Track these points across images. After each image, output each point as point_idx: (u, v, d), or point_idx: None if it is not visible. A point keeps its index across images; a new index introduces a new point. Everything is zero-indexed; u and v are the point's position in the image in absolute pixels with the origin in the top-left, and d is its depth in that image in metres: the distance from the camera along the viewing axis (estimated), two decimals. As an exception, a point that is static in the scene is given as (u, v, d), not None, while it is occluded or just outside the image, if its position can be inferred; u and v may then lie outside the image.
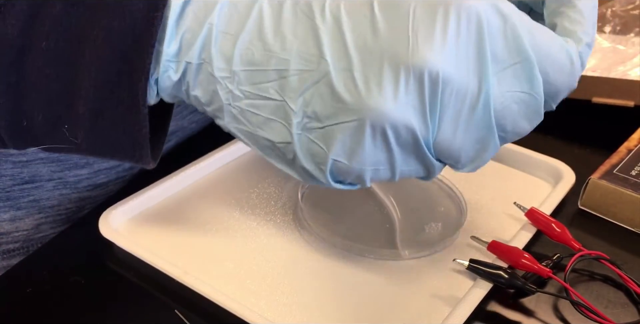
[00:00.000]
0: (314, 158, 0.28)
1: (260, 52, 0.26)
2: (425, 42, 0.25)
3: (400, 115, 0.26)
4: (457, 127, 0.27)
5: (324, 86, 0.26)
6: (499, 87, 0.27)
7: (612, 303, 0.37)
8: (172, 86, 0.28)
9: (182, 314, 0.36)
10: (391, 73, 0.25)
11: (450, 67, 0.25)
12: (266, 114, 0.27)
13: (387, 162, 0.28)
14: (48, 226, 0.48)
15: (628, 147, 0.46)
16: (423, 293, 0.37)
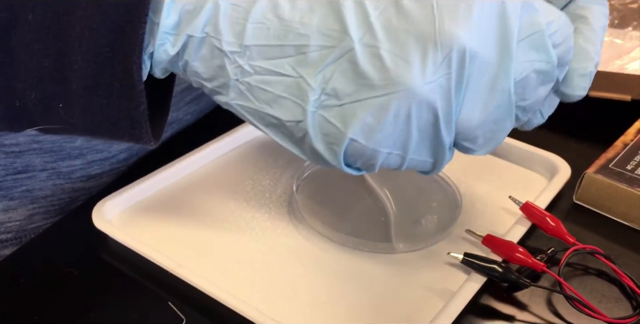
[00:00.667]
0: (327, 138, 0.27)
1: (276, 27, 0.25)
2: (452, 18, 0.25)
3: (427, 94, 0.25)
4: (480, 103, 0.27)
5: (347, 62, 0.25)
6: (517, 57, 0.27)
7: (605, 297, 0.37)
8: (168, 60, 0.27)
9: (175, 306, 0.36)
10: (419, 50, 0.25)
11: (476, 43, 0.25)
12: (278, 91, 0.26)
13: (402, 147, 0.28)
14: (41, 217, 0.48)
15: (624, 141, 0.46)
16: (417, 286, 0.37)
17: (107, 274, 0.39)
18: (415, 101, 0.25)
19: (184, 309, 0.36)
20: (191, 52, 0.26)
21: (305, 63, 0.26)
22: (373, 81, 0.25)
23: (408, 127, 0.27)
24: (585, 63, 0.32)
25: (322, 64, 0.25)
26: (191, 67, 0.27)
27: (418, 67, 0.25)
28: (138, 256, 0.38)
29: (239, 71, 0.26)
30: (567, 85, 0.32)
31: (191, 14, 0.26)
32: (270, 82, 0.26)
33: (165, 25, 0.26)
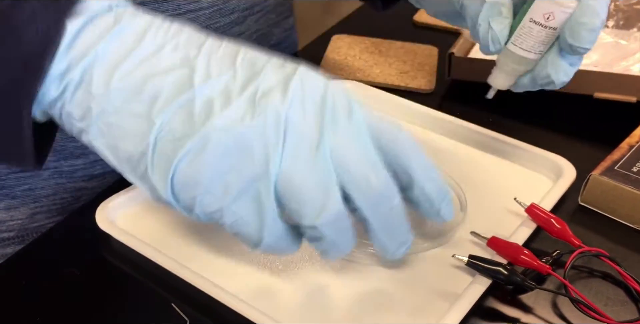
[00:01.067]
0: (160, 168, 0.31)
1: (138, 77, 0.30)
2: (273, 94, 0.30)
3: (246, 132, 0.30)
4: (298, 161, 0.30)
5: (187, 109, 0.30)
6: (335, 138, 0.31)
7: (611, 300, 0.37)
8: (49, 102, 0.31)
9: (178, 307, 0.36)
10: (245, 105, 0.30)
11: (294, 113, 0.30)
12: (131, 127, 0.31)
13: (222, 187, 0.30)
14: (43, 216, 0.48)
15: (630, 143, 0.46)
16: (422, 288, 0.37)
17: (109, 274, 0.39)
18: (232, 139, 0.30)
19: (187, 310, 0.36)
20: (69, 95, 0.31)
21: (155, 107, 0.30)
22: (199, 125, 0.30)
23: (226, 165, 0.30)
24: (592, 18, 0.35)
25: (167, 107, 0.30)
26: (66, 109, 0.31)
27: (241, 114, 0.30)
28: (141, 257, 0.38)
29: (101, 110, 0.31)
30: (574, 37, 0.35)
31: (75, 63, 0.30)
32: (125, 121, 0.31)
33: (52, 73, 0.30)
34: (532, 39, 0.37)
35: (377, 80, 0.59)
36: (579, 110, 0.55)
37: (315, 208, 0.31)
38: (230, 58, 0.32)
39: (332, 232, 0.32)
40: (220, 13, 0.49)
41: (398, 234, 0.34)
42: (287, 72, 0.31)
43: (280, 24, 0.61)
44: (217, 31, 0.50)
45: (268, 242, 0.32)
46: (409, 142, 0.33)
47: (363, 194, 0.31)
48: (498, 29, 0.37)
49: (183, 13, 0.46)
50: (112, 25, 0.31)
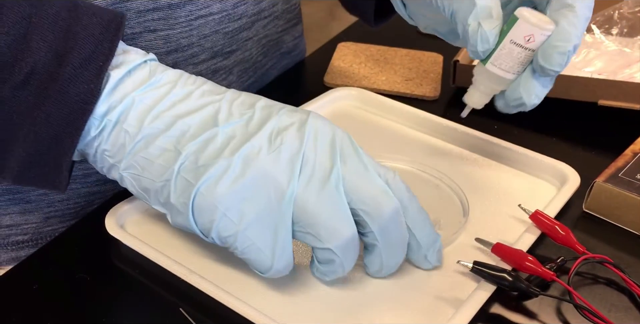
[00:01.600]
0: (182, 194, 0.34)
1: (168, 117, 0.34)
2: (288, 131, 0.35)
3: (263, 161, 0.33)
4: (312, 190, 0.33)
5: (210, 142, 0.34)
6: (346, 169, 0.34)
7: (615, 306, 0.37)
8: (87, 141, 0.35)
9: (187, 312, 0.36)
10: (264, 140, 0.34)
11: (308, 149, 0.34)
12: (158, 160, 0.34)
13: (238, 212, 0.33)
14: (57, 220, 0.49)
15: (634, 150, 0.46)
16: (427, 294, 0.37)
17: (119, 279, 0.39)
18: (251, 167, 0.33)
19: (196, 315, 0.36)
20: (106, 133, 0.34)
21: (182, 141, 0.34)
22: (223, 151, 0.34)
23: (244, 193, 0.33)
24: (565, 42, 0.36)
25: (192, 141, 0.34)
26: (102, 147, 0.35)
27: (258, 146, 0.34)
28: (149, 262, 0.38)
29: (133, 146, 0.34)
30: (546, 59, 0.37)
31: (114, 106, 0.34)
32: (153, 154, 0.34)
33: (96, 113, 0.34)
34: (512, 60, 0.38)
35: (383, 87, 0.59)
36: (583, 117, 0.55)
37: (330, 232, 0.34)
38: (250, 103, 0.36)
39: (344, 254, 0.34)
40: (229, 18, 0.50)
41: (399, 255, 0.37)
42: (300, 116, 0.35)
43: (289, 31, 0.62)
44: (226, 36, 0.51)
45: (278, 268, 0.34)
46: (405, 185, 0.36)
47: (374, 218, 0.34)
48: (488, 28, 0.37)
49: (194, 18, 0.47)
50: (147, 77, 0.35)
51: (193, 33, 0.47)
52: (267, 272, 0.35)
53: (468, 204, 0.43)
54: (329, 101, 0.55)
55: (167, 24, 0.45)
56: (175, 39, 0.46)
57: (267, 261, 0.34)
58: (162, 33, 0.45)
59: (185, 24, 0.46)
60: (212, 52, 0.50)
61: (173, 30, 0.46)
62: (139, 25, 0.44)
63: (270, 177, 0.33)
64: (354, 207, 0.34)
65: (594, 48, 0.59)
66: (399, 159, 0.48)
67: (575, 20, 0.36)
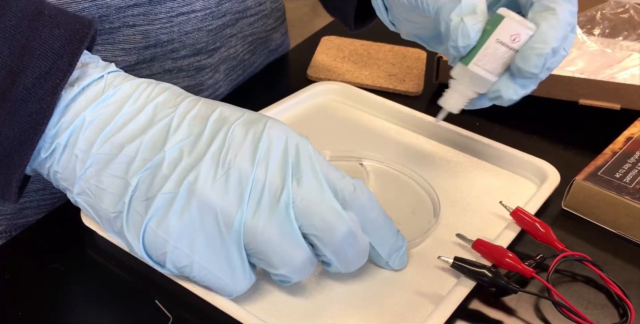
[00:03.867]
0: (133, 226, 0.33)
1: (117, 142, 0.33)
2: (240, 149, 0.33)
3: (208, 193, 0.32)
4: (264, 215, 0.32)
5: (157, 170, 0.33)
6: (298, 190, 0.33)
7: (592, 303, 0.38)
8: (39, 162, 0.34)
9: (162, 305, 0.36)
10: (209, 166, 0.32)
11: (259, 172, 0.32)
12: (109, 188, 0.33)
13: (189, 245, 0.32)
14: (32, 211, 0.47)
15: (613, 149, 0.47)
16: (407, 289, 0.37)
17: (94, 270, 0.39)
18: (196, 198, 0.32)
19: (170, 307, 0.36)
20: (56, 156, 0.34)
21: (131, 169, 0.33)
22: (168, 182, 0.32)
23: (191, 224, 0.32)
24: (544, 45, 0.36)
25: (141, 170, 0.33)
26: (53, 168, 0.34)
27: (204, 175, 0.32)
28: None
29: (84, 172, 0.33)
30: (524, 60, 0.36)
31: (64, 128, 0.33)
32: (104, 182, 0.33)
33: (46, 134, 0.33)
34: (496, 61, 0.37)
35: (366, 82, 0.59)
36: (564, 116, 0.55)
37: (281, 258, 0.33)
38: (203, 116, 0.34)
39: (299, 275, 0.34)
40: (213, 16, 0.49)
41: (358, 264, 0.36)
42: (255, 129, 0.34)
43: (278, 29, 0.61)
44: (209, 33, 0.50)
45: (240, 290, 0.34)
46: (365, 202, 0.34)
47: (326, 243, 0.33)
48: (470, 23, 0.36)
49: (175, 15, 0.46)
50: (100, 93, 0.34)
51: (174, 29, 0.47)
52: (232, 295, 0.34)
53: (440, 204, 0.43)
54: (310, 95, 0.54)
55: (146, 19, 0.45)
56: (154, 35, 0.46)
57: (227, 287, 0.34)
58: (140, 28, 0.45)
59: (165, 20, 0.45)
60: (195, 49, 0.49)
61: (152, 26, 0.45)
62: (118, 20, 0.43)
63: (217, 207, 0.32)
64: (305, 232, 0.33)
65: (575, 48, 0.60)
66: (376, 157, 0.48)
67: (556, 23, 0.36)
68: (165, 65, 0.48)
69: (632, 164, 0.45)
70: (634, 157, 0.46)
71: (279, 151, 0.33)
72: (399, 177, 0.47)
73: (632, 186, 0.43)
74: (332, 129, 0.51)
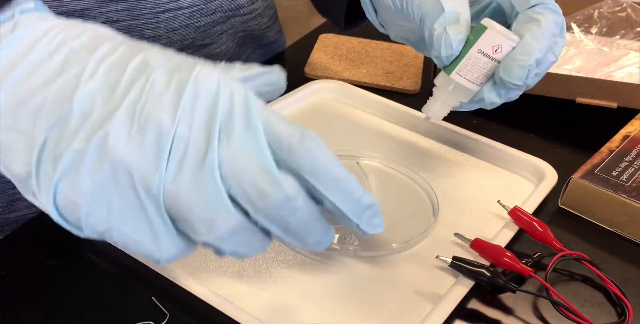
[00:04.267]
0: (45, 187, 0.29)
1: (24, 90, 0.29)
2: (159, 100, 0.29)
3: (120, 150, 0.28)
4: (186, 179, 0.28)
5: (64, 124, 0.29)
6: (227, 150, 0.28)
7: (589, 302, 0.38)
8: None
9: (161, 301, 0.36)
10: (124, 119, 0.28)
11: (182, 127, 0.28)
12: (17, 145, 0.30)
13: (105, 207, 0.29)
14: (23, 204, 0.47)
15: (610, 148, 0.47)
16: (406, 289, 0.37)
17: (90, 267, 0.38)
18: (108, 156, 0.28)
19: (167, 306, 0.36)
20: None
21: (37, 123, 0.29)
22: (77, 134, 0.28)
23: (105, 186, 0.28)
24: (526, 56, 0.36)
25: (47, 123, 0.29)
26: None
27: (117, 131, 0.28)
28: (121, 252, 0.38)
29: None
30: (506, 72, 0.36)
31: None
32: (12, 138, 0.30)
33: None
34: (478, 71, 0.37)
35: (363, 80, 0.59)
36: (561, 114, 0.56)
37: (205, 224, 0.29)
38: (122, 64, 0.30)
39: (230, 245, 0.30)
40: (201, 13, 0.49)
41: (308, 238, 0.31)
42: (180, 75, 0.29)
43: (272, 27, 0.61)
44: (197, 30, 0.49)
45: (167, 257, 0.30)
46: (315, 151, 0.30)
47: (258, 209, 0.29)
48: (453, 33, 0.36)
49: (161, 11, 0.46)
50: (8, 34, 0.30)
51: (160, 26, 0.46)
52: (160, 262, 0.31)
53: (438, 203, 0.43)
54: (307, 94, 0.54)
55: (130, 14, 0.44)
56: (139, 30, 0.45)
57: (152, 253, 0.30)
58: (124, 23, 0.44)
59: (150, 15, 0.45)
60: (182, 45, 0.49)
61: (137, 21, 0.45)
62: (101, 15, 0.43)
63: (133, 168, 0.28)
64: (235, 197, 0.29)
65: (573, 46, 0.60)
66: (374, 155, 0.48)
67: (540, 35, 0.36)
68: None
69: (628, 162, 0.45)
70: (631, 156, 0.46)
71: (207, 102, 0.29)
72: (397, 176, 0.47)
73: (629, 184, 0.43)
74: (329, 127, 0.51)
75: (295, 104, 0.53)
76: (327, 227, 0.32)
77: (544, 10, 0.37)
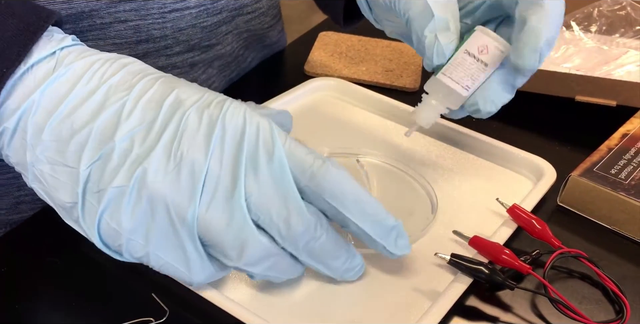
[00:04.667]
0: (89, 216, 0.32)
1: (67, 127, 0.32)
2: (191, 143, 0.31)
3: (160, 186, 0.31)
4: (215, 209, 0.31)
5: (107, 160, 0.31)
6: (254, 183, 0.31)
7: (586, 299, 0.38)
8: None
9: (161, 298, 0.36)
10: (161, 157, 0.31)
11: (213, 163, 0.31)
12: (62, 177, 0.32)
13: (143, 236, 0.32)
14: (28, 206, 0.47)
15: (609, 146, 0.47)
16: (404, 286, 0.37)
17: (90, 264, 0.38)
18: (146, 192, 0.31)
19: (167, 302, 0.36)
20: (6, 141, 0.32)
21: (83, 157, 0.31)
22: (121, 173, 0.31)
23: (143, 216, 0.31)
24: (536, 39, 0.35)
25: (92, 160, 0.31)
26: (4, 151, 0.33)
27: (155, 168, 0.31)
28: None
29: (35, 159, 0.32)
30: (519, 57, 0.35)
31: (11, 112, 0.32)
32: (57, 171, 0.32)
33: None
34: (463, 71, 0.37)
35: (363, 77, 0.59)
36: (560, 113, 0.56)
37: (235, 250, 0.32)
38: (159, 99, 0.32)
39: (260, 269, 0.33)
40: (208, 13, 0.49)
41: (334, 263, 0.35)
42: (212, 113, 0.32)
43: (275, 27, 0.61)
44: (204, 30, 0.50)
45: (199, 281, 0.33)
46: (336, 176, 0.32)
47: (284, 237, 0.32)
48: (445, 42, 0.36)
49: (168, 11, 0.46)
50: (50, 73, 0.32)
51: (167, 25, 0.46)
52: (192, 284, 0.34)
53: (437, 200, 0.43)
54: (307, 91, 0.54)
55: (138, 14, 0.44)
56: (146, 29, 0.45)
57: (185, 276, 0.33)
58: (132, 23, 0.45)
59: (157, 15, 0.45)
60: (189, 45, 0.49)
61: (144, 21, 0.45)
62: (109, 16, 0.43)
63: (169, 201, 0.31)
64: (262, 225, 0.32)
65: (572, 44, 0.60)
66: (373, 153, 0.48)
67: (544, 16, 0.35)
68: (159, 63, 0.48)
69: (627, 160, 0.45)
70: (630, 154, 0.46)
71: (234, 138, 0.32)
72: (397, 173, 0.47)
73: (628, 182, 0.43)
74: (329, 125, 0.51)
75: (295, 102, 0.53)
76: (353, 253, 0.36)
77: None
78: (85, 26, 0.43)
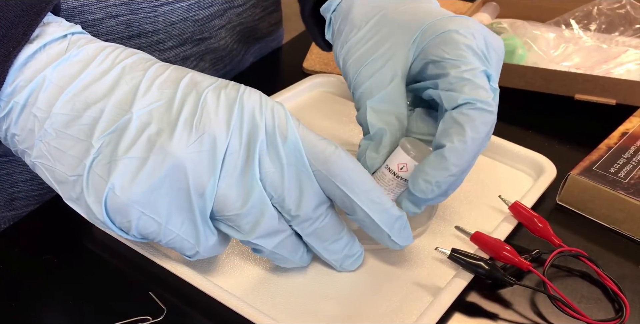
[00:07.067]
0: (95, 191, 0.31)
1: (80, 102, 0.31)
2: (208, 116, 0.31)
3: (181, 158, 0.31)
4: (233, 184, 0.32)
5: (123, 133, 0.31)
6: (269, 162, 0.32)
7: (585, 297, 0.38)
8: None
9: (158, 296, 0.36)
10: (183, 129, 0.31)
11: (234, 140, 0.31)
12: (70, 151, 0.31)
13: (155, 210, 0.31)
14: (21, 203, 0.47)
15: (608, 144, 0.47)
16: (405, 281, 0.37)
17: (86, 262, 0.38)
18: (170, 159, 0.30)
19: (167, 298, 0.36)
20: (14, 116, 0.32)
21: (95, 131, 0.31)
22: (139, 143, 0.31)
23: (162, 183, 0.31)
24: (436, 172, 0.33)
25: (107, 131, 0.31)
26: (11, 130, 0.32)
27: (177, 138, 0.31)
28: (121, 245, 0.38)
29: (43, 133, 0.31)
30: (414, 186, 0.34)
31: (22, 87, 0.31)
32: (65, 144, 0.31)
33: (2, 93, 0.31)
34: (383, 184, 0.36)
35: (362, 75, 0.58)
36: (560, 111, 0.56)
37: (249, 224, 0.33)
38: (174, 80, 0.32)
39: (270, 245, 0.34)
40: (199, 6, 0.49)
41: (335, 246, 0.35)
42: (228, 94, 0.32)
43: (265, 19, 0.61)
44: (196, 23, 0.49)
45: (202, 253, 0.34)
46: (347, 162, 0.33)
47: (293, 216, 0.33)
48: (370, 159, 0.36)
49: (159, 5, 0.46)
50: (62, 52, 0.32)
51: (159, 19, 0.46)
52: (194, 257, 0.34)
53: None
54: (306, 88, 0.54)
55: (129, 9, 0.44)
56: (137, 24, 0.45)
57: (192, 248, 0.33)
58: (123, 18, 0.44)
59: (148, 9, 0.45)
60: (181, 39, 0.49)
61: (136, 15, 0.45)
62: (100, 11, 0.43)
63: (189, 172, 0.31)
64: (274, 203, 0.33)
65: (572, 43, 0.60)
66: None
67: (460, 146, 0.33)
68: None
69: (626, 159, 0.45)
70: (629, 153, 0.46)
71: (253, 118, 0.32)
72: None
73: (627, 181, 0.43)
74: (328, 122, 0.51)
75: (294, 99, 0.53)
76: (354, 238, 0.36)
77: (472, 111, 0.33)
78: (77, 23, 0.42)
